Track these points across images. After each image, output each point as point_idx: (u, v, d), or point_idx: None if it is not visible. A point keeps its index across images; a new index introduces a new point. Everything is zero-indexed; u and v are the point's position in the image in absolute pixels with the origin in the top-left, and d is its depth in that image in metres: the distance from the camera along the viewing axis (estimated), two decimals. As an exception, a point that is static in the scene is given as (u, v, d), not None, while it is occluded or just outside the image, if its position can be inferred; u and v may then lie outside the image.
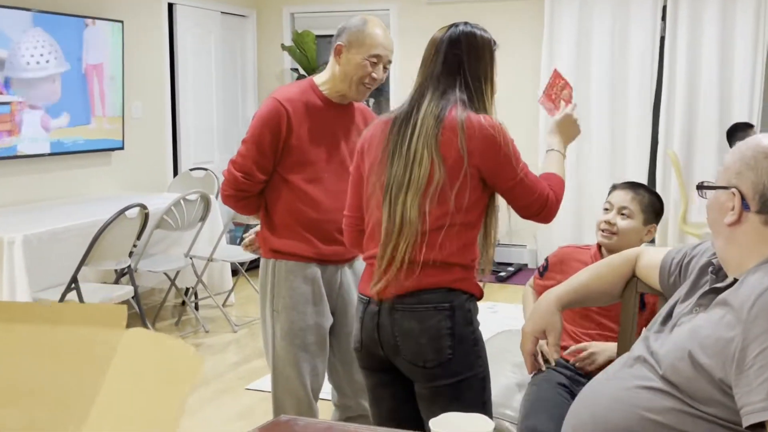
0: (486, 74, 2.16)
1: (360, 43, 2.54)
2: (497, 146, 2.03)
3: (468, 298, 2.05)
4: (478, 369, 2.06)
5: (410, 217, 1.99)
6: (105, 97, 5.52)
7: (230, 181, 2.62)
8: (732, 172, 1.50)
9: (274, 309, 2.69)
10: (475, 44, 2.15)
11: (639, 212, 2.52)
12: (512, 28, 6.79)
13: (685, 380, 1.40)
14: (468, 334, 2.04)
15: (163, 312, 5.44)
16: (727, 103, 6.25)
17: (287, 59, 7.41)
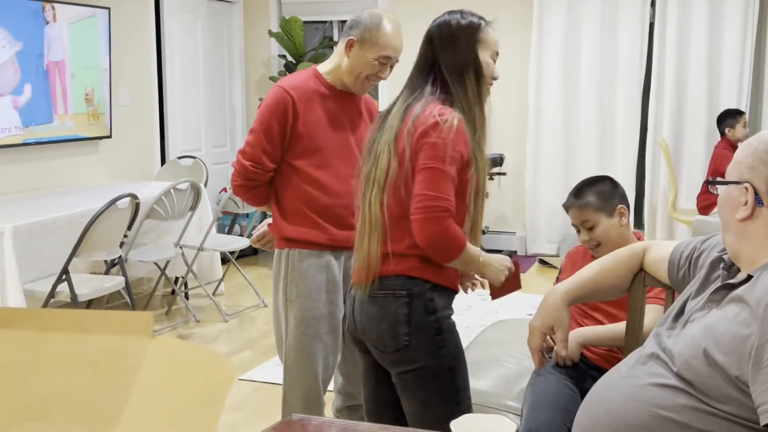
0: (467, 63, 2.09)
1: (373, 42, 2.55)
2: (436, 129, 1.99)
3: (431, 287, 2.05)
4: (442, 358, 2.06)
5: (374, 211, 2.06)
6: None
7: (240, 171, 2.64)
8: (744, 167, 1.49)
9: (287, 298, 2.69)
10: (450, 33, 2.10)
11: (598, 213, 2.47)
12: (501, 15, 6.75)
13: (699, 378, 1.40)
14: (429, 323, 2.05)
15: (153, 302, 5.40)
16: (716, 90, 6.26)
17: (275, 45, 7.35)
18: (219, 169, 7.09)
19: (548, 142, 6.64)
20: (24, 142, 5.01)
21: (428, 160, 1.99)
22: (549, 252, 6.70)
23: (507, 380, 2.66)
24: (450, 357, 2.08)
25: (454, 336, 2.11)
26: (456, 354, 2.10)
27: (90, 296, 4.12)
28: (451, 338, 2.09)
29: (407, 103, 2.10)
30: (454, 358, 2.09)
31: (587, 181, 2.59)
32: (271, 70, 7.40)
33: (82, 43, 5.40)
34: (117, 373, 0.82)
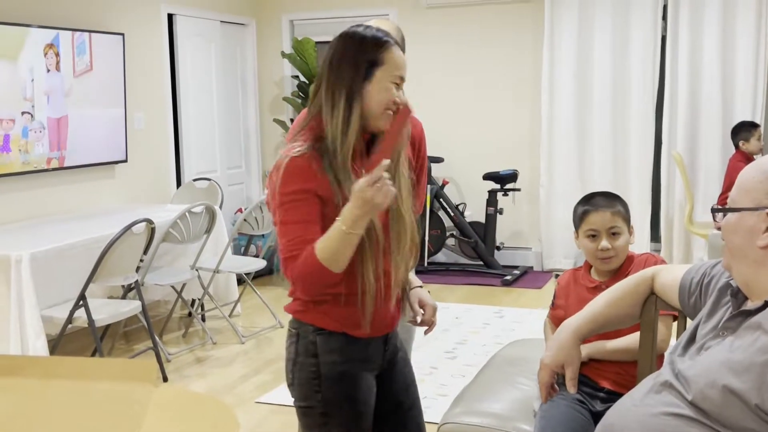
0: (344, 85, 1.85)
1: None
2: (271, 176, 1.91)
3: (314, 330, 1.97)
4: (315, 403, 1.99)
5: None
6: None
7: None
8: (761, 194, 1.46)
9: None
10: (336, 51, 1.88)
11: (624, 224, 2.45)
12: (513, 31, 6.79)
13: (715, 407, 1.38)
14: (308, 365, 1.99)
15: (170, 324, 5.43)
16: (729, 102, 6.24)
17: (287, 66, 7.40)
18: (234, 190, 7.13)
19: (562, 158, 6.63)
20: (42, 169, 5.06)
21: (273, 213, 1.92)
22: (565, 267, 6.67)
23: (521, 402, 2.65)
24: (324, 403, 1.99)
25: (336, 384, 1.98)
26: (332, 402, 1.99)
27: (107, 321, 4.15)
28: (329, 385, 1.98)
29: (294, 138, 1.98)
30: (327, 405, 1.99)
31: (607, 192, 2.55)
32: (284, 91, 7.45)
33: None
34: (122, 421, 0.83)
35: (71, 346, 4.90)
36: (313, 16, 7.34)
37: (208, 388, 4.30)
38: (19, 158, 4.89)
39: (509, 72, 6.80)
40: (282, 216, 1.86)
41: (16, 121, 4.85)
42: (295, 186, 1.85)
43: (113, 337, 4.93)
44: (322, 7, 7.28)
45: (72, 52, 5.21)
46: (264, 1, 7.44)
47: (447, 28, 6.92)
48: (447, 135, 6.82)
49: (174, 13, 6.32)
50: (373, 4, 7.12)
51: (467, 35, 6.88)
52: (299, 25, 7.44)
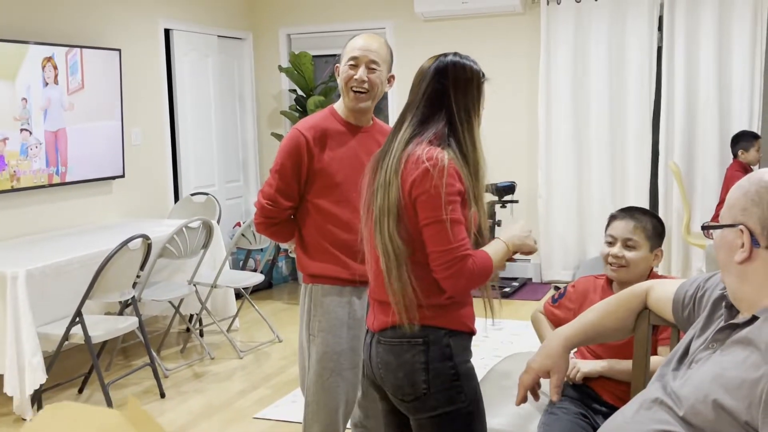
0: (474, 106, 2.14)
1: (343, 54, 2.72)
2: (427, 178, 1.99)
3: (446, 333, 2.04)
4: (460, 404, 2.04)
5: (396, 242, 2.03)
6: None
7: (258, 209, 2.76)
8: (737, 210, 1.49)
9: (310, 333, 2.75)
10: (464, 76, 2.13)
11: (644, 241, 2.46)
12: (509, 43, 6.80)
13: (707, 423, 1.38)
14: (445, 369, 2.03)
15: (168, 339, 5.42)
16: (726, 113, 6.24)
17: (285, 80, 7.42)
18: (232, 204, 7.13)
19: (560, 169, 6.63)
20: (38, 185, 5.06)
21: (429, 213, 1.99)
22: (564, 278, 6.66)
23: (520, 417, 2.64)
24: (468, 402, 2.06)
25: (472, 381, 2.09)
26: (473, 399, 2.08)
27: (104, 338, 4.14)
28: (468, 383, 2.07)
29: (413, 133, 2.10)
30: (471, 403, 2.07)
31: (645, 209, 2.58)
32: (282, 105, 7.46)
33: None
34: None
35: (68, 363, 4.88)
36: (310, 29, 7.35)
37: (205, 403, 4.29)
38: (16, 174, 4.89)
39: (506, 84, 6.81)
40: (452, 216, 1.99)
41: (13, 138, 4.85)
42: (457, 187, 2.01)
43: (111, 353, 4.92)
44: (318, 21, 7.30)
45: (66, 70, 5.22)
46: (261, 16, 7.46)
47: (443, 40, 6.93)
48: (444, 147, 6.81)
49: (171, 28, 6.33)
50: (369, 17, 7.14)
51: (463, 48, 6.88)
52: (296, 39, 7.46)
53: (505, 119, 6.82)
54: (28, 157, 4.97)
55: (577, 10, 6.48)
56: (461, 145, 2.08)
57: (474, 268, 2.00)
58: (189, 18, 6.55)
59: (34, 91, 4.98)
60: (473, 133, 2.12)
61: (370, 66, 2.68)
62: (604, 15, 6.42)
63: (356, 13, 7.18)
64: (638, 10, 6.32)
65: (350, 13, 7.19)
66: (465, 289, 2.02)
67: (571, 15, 6.49)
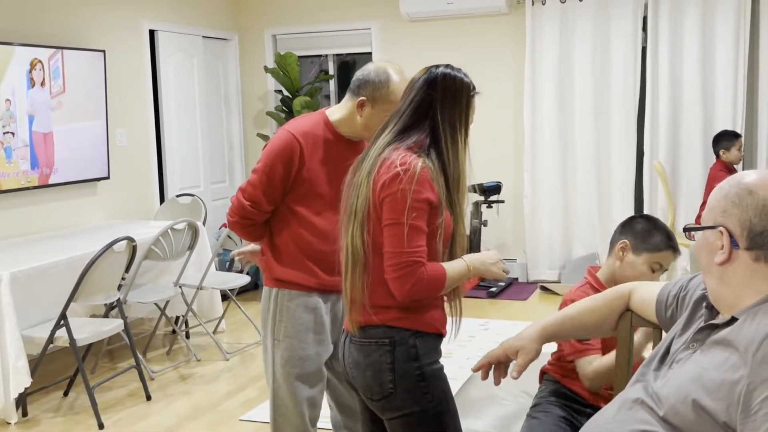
0: (460, 119, 2.14)
1: (384, 99, 2.57)
2: (396, 181, 2.01)
3: (412, 334, 2.06)
4: (427, 405, 2.06)
5: (356, 244, 2.07)
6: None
7: (237, 209, 2.67)
8: (718, 211, 1.50)
9: (275, 338, 2.71)
10: (452, 88, 2.14)
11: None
12: (494, 43, 6.82)
13: (687, 424, 1.40)
14: (411, 370, 2.05)
15: (154, 342, 5.40)
16: (710, 113, 6.28)
17: (271, 81, 7.41)
18: (218, 205, 7.11)
19: (545, 169, 6.66)
20: (22, 187, 5.03)
21: (391, 215, 2.01)
22: (550, 278, 6.69)
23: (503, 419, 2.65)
24: (435, 402, 2.07)
25: (440, 381, 2.10)
26: (441, 400, 2.08)
27: (89, 340, 4.12)
28: (435, 384, 2.08)
29: (392, 139, 2.12)
30: (439, 403, 2.07)
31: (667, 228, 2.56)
32: (268, 105, 7.45)
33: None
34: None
35: (53, 366, 4.86)
36: (295, 30, 7.35)
37: (192, 406, 4.28)
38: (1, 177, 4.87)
39: (491, 84, 6.83)
40: (413, 222, 2.00)
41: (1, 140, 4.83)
42: (426, 195, 2.02)
43: (96, 356, 4.90)
44: (304, 22, 7.30)
45: (51, 72, 5.20)
46: (246, 16, 7.44)
47: (429, 41, 6.94)
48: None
49: (155, 29, 6.31)
50: (355, 18, 7.14)
51: (449, 48, 6.91)
52: (282, 39, 7.45)
53: (491, 119, 6.84)
54: (13, 159, 4.94)
55: (562, 11, 6.50)
56: (442, 156, 2.09)
57: (423, 276, 2.00)
58: (174, 19, 6.53)
59: (18, 93, 4.95)
60: (456, 145, 2.12)
61: None
62: (588, 15, 6.44)
63: (342, 13, 7.18)
64: (622, 10, 6.35)
65: (336, 14, 7.19)
66: (410, 294, 2.01)
67: (555, 15, 6.51)
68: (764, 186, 1.46)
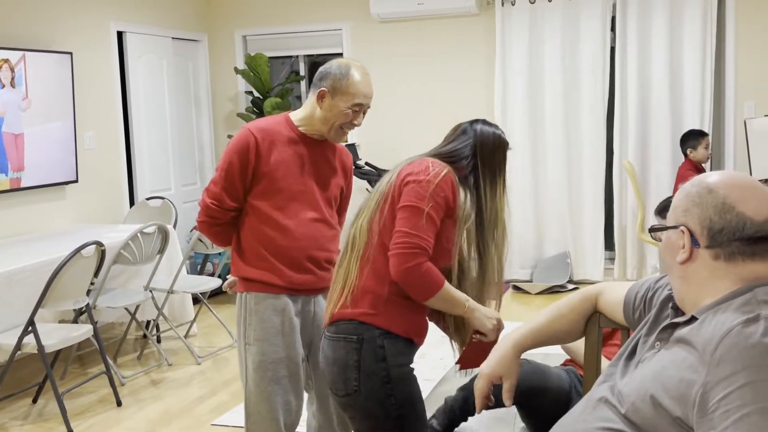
0: (500, 169, 2.29)
1: (344, 91, 2.60)
2: (423, 172, 2.16)
3: (382, 333, 2.08)
4: (390, 407, 2.07)
5: (363, 232, 2.18)
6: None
7: (203, 208, 2.70)
8: (680, 211, 1.52)
9: (246, 342, 2.70)
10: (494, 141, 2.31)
11: None
12: (465, 44, 6.83)
13: (646, 421, 1.41)
14: (378, 371, 2.07)
15: (125, 346, 5.35)
16: (678, 112, 6.34)
17: (241, 82, 7.37)
18: (189, 207, 7.06)
19: (516, 169, 6.68)
20: None
21: (410, 198, 2.11)
22: (522, 277, 6.72)
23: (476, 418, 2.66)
24: (398, 405, 2.08)
25: (407, 385, 2.11)
26: (406, 403, 2.09)
27: (58, 346, 4.07)
28: (401, 387, 2.09)
29: (433, 153, 2.30)
30: (402, 407, 2.08)
31: None
32: (238, 107, 7.41)
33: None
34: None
35: (22, 373, 4.80)
36: (266, 31, 7.32)
37: (163, 410, 4.24)
38: (-36, 181, 4.79)
39: (462, 84, 6.84)
40: (430, 212, 2.10)
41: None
42: (447, 194, 2.14)
43: (66, 362, 4.84)
44: (274, 23, 7.27)
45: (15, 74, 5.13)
46: (216, 17, 7.40)
47: (400, 41, 6.95)
48: (400, 148, 6.81)
49: (124, 31, 6.26)
50: (326, 19, 7.13)
51: (420, 48, 6.92)
52: (252, 40, 7.41)
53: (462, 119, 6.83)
54: (-22, 163, 4.87)
55: (532, 11, 6.53)
56: (480, 199, 2.23)
57: (423, 266, 2.07)
58: (142, 20, 6.47)
59: (-18, 96, 4.89)
60: (495, 191, 2.26)
61: (365, 111, 2.70)
62: (557, 16, 6.48)
63: (312, 14, 7.16)
64: (591, 10, 6.40)
65: (306, 15, 7.17)
66: (405, 274, 2.06)
67: (525, 16, 6.54)
68: (724, 185, 1.47)
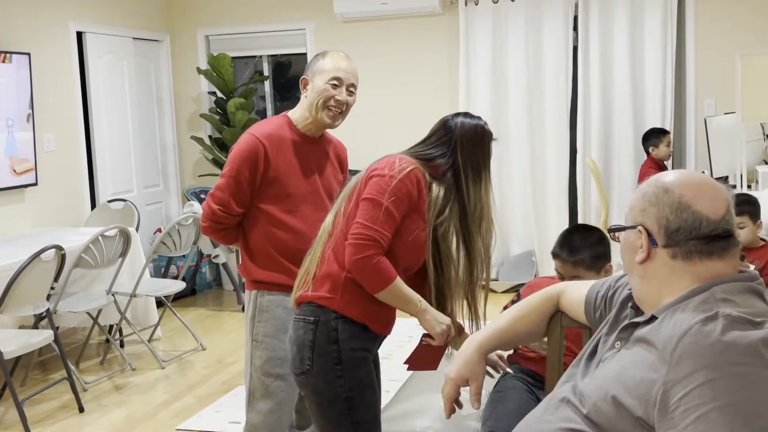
0: (484, 163, 2.31)
1: (320, 70, 2.68)
2: (388, 167, 2.20)
3: (337, 317, 2.17)
4: (338, 388, 2.15)
5: (327, 223, 2.27)
6: None
7: (208, 214, 2.72)
8: (637, 211, 1.53)
9: (254, 339, 2.74)
10: (475, 134, 2.31)
11: (589, 272, 2.54)
12: (429, 44, 6.84)
13: (608, 421, 1.41)
14: (330, 351, 2.15)
15: (88, 351, 5.27)
16: (640, 110, 6.40)
17: (204, 83, 7.30)
18: (152, 209, 6.99)
19: (481, 168, 6.70)
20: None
21: (371, 191, 2.16)
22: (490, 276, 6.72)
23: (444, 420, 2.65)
24: (347, 388, 2.15)
25: (358, 369, 2.17)
26: (355, 386, 2.16)
27: (17, 353, 3.99)
28: (351, 370, 2.16)
29: (410, 151, 2.32)
30: (351, 390, 2.16)
31: (583, 237, 2.61)
32: (201, 107, 7.34)
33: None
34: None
35: (-19, 380, 4.70)
36: (228, 31, 7.26)
37: (127, 416, 4.18)
38: None
39: (427, 84, 6.85)
40: (389, 206, 2.14)
41: None
42: (410, 191, 2.18)
43: (26, 368, 4.76)
44: (237, 22, 7.21)
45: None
46: (178, 17, 7.33)
47: (364, 41, 6.93)
48: (366, 148, 6.79)
49: (83, 31, 6.17)
50: (289, 18, 7.09)
51: (384, 48, 6.91)
52: (215, 40, 7.35)
53: (427, 118, 6.82)
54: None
55: (495, 11, 6.56)
56: (462, 193, 2.26)
57: (375, 260, 2.12)
58: (102, 20, 6.38)
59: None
60: (479, 185, 2.28)
61: (349, 89, 2.71)
62: (520, 15, 6.51)
63: (276, 14, 7.12)
64: (553, 10, 6.44)
65: (270, 14, 7.13)
66: (356, 264, 2.13)
67: (488, 15, 6.56)
68: (680, 184, 1.48)
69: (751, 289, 1.46)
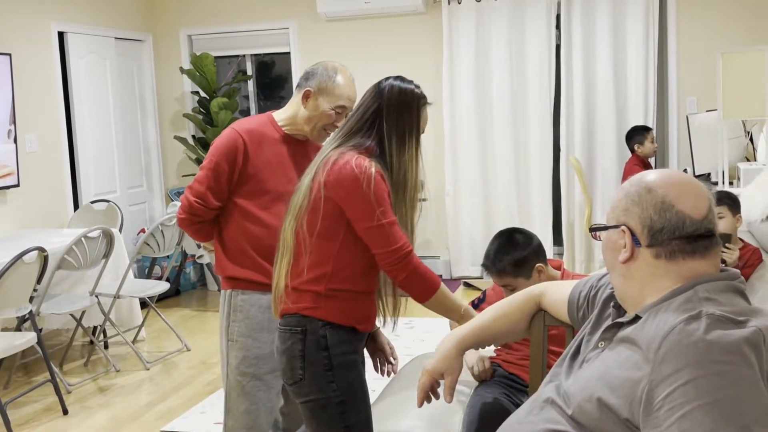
0: (410, 129, 2.26)
1: (329, 92, 2.65)
2: (357, 185, 2.15)
3: (324, 324, 2.19)
4: (330, 393, 2.19)
5: (287, 236, 2.25)
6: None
7: (185, 206, 2.71)
8: (620, 210, 1.53)
9: (229, 338, 2.72)
10: (401, 98, 2.26)
11: (517, 278, 2.57)
12: (412, 43, 6.84)
13: (592, 421, 1.41)
14: (320, 359, 2.18)
15: (72, 353, 5.24)
16: (623, 108, 6.44)
17: (187, 82, 7.27)
18: (136, 210, 6.96)
19: (465, 167, 6.72)
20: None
21: (365, 223, 2.17)
22: (473, 274, 6.75)
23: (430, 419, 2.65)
24: (339, 392, 2.19)
25: (348, 373, 2.21)
26: (347, 390, 2.20)
27: (0, 355, 3.96)
28: (342, 374, 2.19)
29: (338, 143, 2.27)
30: (344, 394, 2.19)
31: (501, 245, 2.64)
32: (185, 107, 7.31)
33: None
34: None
35: (-36, 383, 4.67)
36: (211, 30, 7.23)
37: (111, 418, 4.16)
38: None
39: (410, 83, 6.84)
40: (387, 219, 2.17)
41: None
42: (384, 194, 2.19)
43: (10, 370, 4.72)
44: (220, 22, 7.19)
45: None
46: (160, 16, 7.29)
47: (347, 40, 6.93)
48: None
49: (65, 31, 6.13)
50: (272, 17, 7.07)
51: (367, 47, 6.90)
52: (197, 40, 7.32)
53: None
54: None
55: (478, 10, 6.57)
56: (386, 164, 2.23)
57: (420, 268, 2.20)
58: (84, 20, 6.34)
59: None
60: (403, 154, 2.25)
61: (347, 114, 2.69)
62: (503, 14, 6.52)
63: (259, 13, 7.10)
64: (536, 9, 6.45)
65: (253, 14, 7.11)
66: (406, 282, 2.19)
67: (472, 15, 6.57)
68: (663, 184, 1.49)
69: (734, 288, 1.47)
